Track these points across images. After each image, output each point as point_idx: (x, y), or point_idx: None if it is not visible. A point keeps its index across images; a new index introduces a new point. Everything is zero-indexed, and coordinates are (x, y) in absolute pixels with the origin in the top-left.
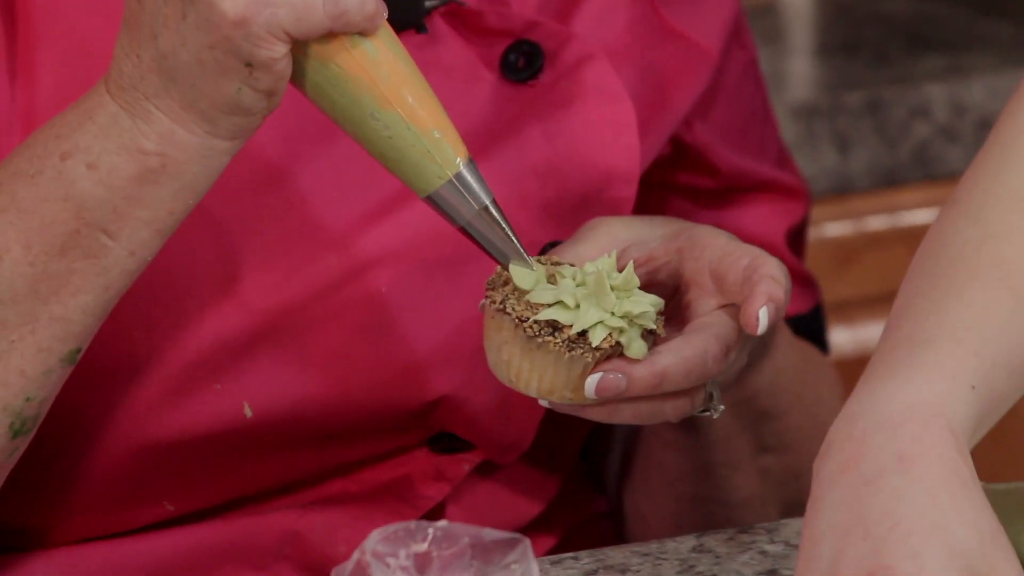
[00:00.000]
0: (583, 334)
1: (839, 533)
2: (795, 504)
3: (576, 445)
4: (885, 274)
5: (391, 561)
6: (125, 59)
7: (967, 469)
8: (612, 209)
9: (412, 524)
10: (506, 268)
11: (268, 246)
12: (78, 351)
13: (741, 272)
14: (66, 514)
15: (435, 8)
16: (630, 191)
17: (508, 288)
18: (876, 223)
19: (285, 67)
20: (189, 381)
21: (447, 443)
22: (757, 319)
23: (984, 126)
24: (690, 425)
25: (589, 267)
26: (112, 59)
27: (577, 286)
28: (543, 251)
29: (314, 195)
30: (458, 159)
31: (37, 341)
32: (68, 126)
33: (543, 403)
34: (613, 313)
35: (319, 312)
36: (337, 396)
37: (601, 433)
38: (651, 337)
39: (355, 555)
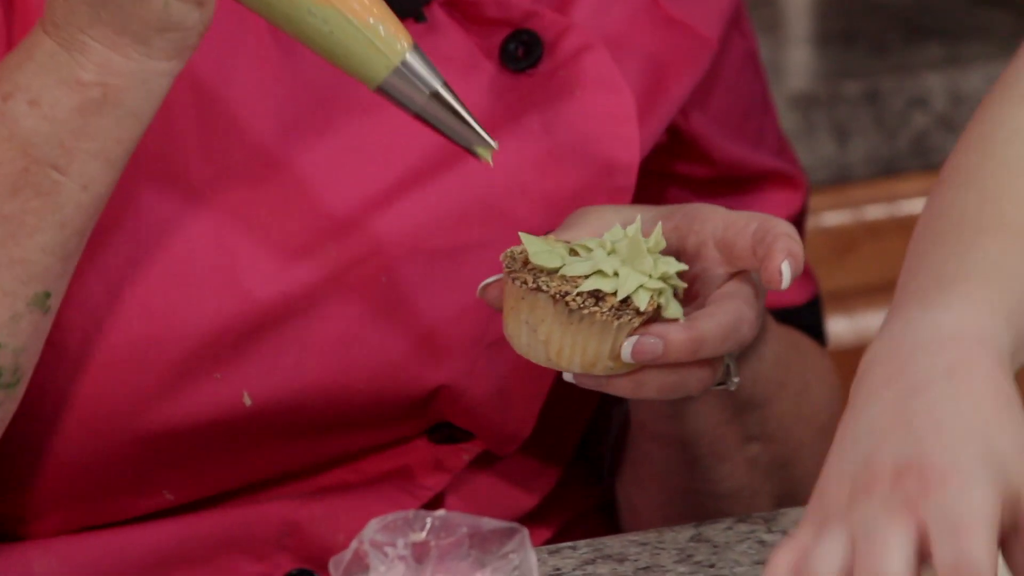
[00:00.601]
0: (624, 301)
1: (878, 432)
2: (786, 495)
3: (574, 436)
4: (884, 263)
5: (389, 550)
6: None
7: (1012, 390)
8: (611, 199)
9: (410, 513)
10: (469, 151)
11: (268, 234)
12: (46, 295)
13: (750, 237)
14: (64, 503)
15: None
16: (629, 181)
17: (530, 268)
18: (875, 212)
19: None
20: (189, 370)
21: (446, 433)
22: (780, 273)
23: None
24: (676, 416)
25: (609, 236)
26: None
27: (608, 254)
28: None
29: (313, 183)
30: (401, 46)
31: (0, 285)
32: (7, 69)
33: (568, 377)
34: (651, 276)
35: (318, 301)
36: (336, 385)
37: (597, 426)
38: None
39: (353, 544)
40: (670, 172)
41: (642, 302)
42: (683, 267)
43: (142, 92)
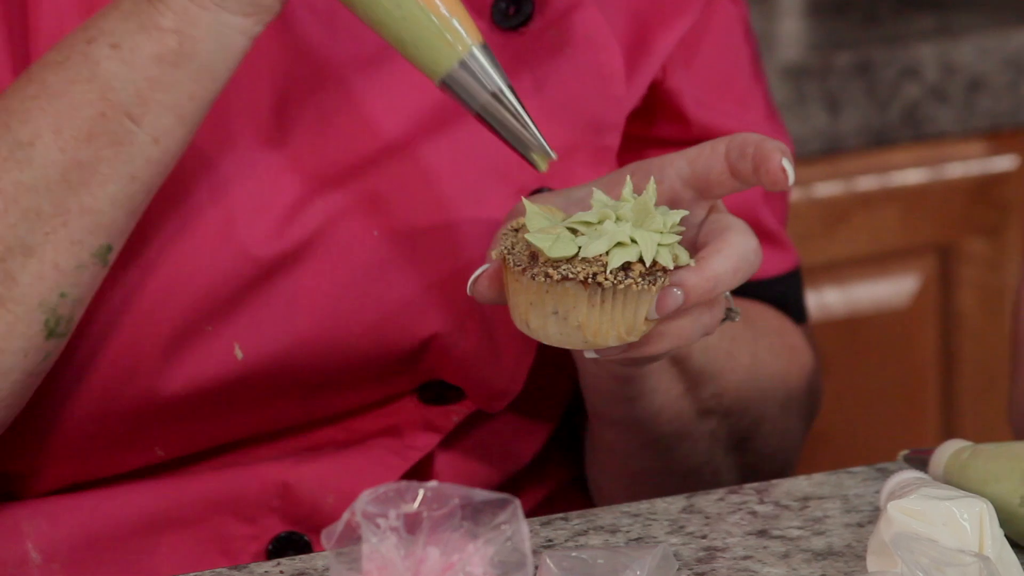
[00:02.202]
0: (650, 263)
1: None
2: (749, 470)
3: (561, 400)
4: (876, 234)
5: (381, 522)
6: None
7: None
8: (597, 157)
9: (403, 484)
10: (524, 156)
11: (263, 192)
12: (109, 248)
13: (723, 159)
14: (61, 458)
15: None
16: (615, 140)
17: (544, 260)
18: (866, 183)
19: None
20: (185, 326)
21: (436, 392)
22: (784, 170)
23: (973, 86)
24: (633, 398)
25: (600, 200)
26: None
27: (616, 223)
28: (532, 194)
29: (308, 144)
30: (470, 40)
31: (70, 233)
32: (95, 18)
33: (591, 354)
34: (662, 232)
35: (309, 254)
36: (327, 338)
37: (581, 405)
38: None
39: (345, 515)
40: (647, 135)
41: (667, 260)
42: (685, 212)
43: (217, 46)
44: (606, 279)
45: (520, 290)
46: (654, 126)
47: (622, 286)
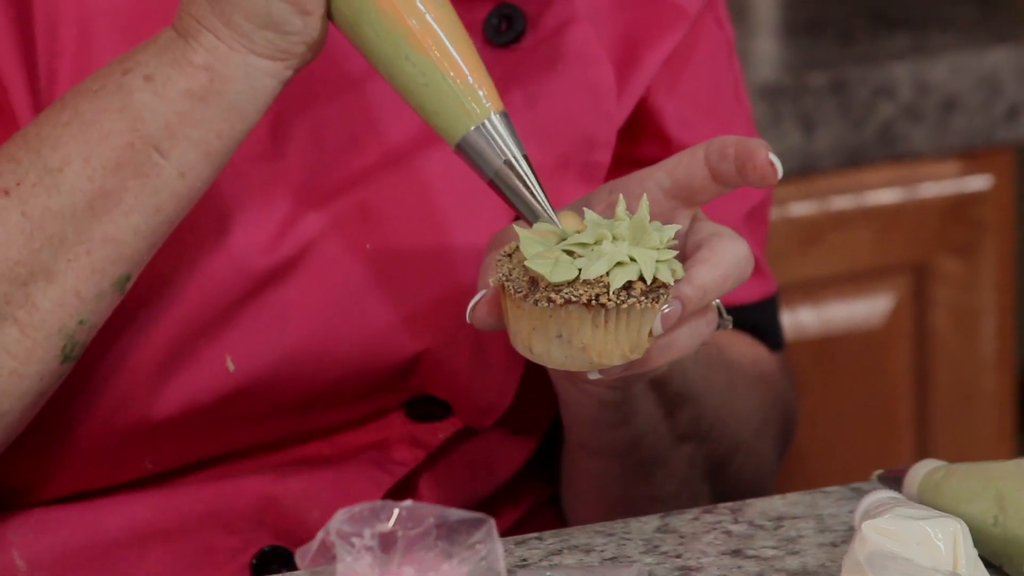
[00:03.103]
0: (651, 280)
1: None
2: (724, 496)
3: (545, 415)
4: (850, 254)
5: (356, 541)
6: None
7: None
8: (588, 173)
9: (377, 503)
10: (530, 223)
11: (257, 205)
12: (128, 278)
13: (703, 164)
14: (49, 474)
15: None
16: (605, 156)
17: (545, 285)
18: (841, 203)
19: None
20: (175, 337)
21: (424, 410)
22: (771, 163)
23: (948, 106)
24: (619, 424)
25: (594, 221)
26: None
27: (614, 242)
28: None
29: (301, 156)
30: (491, 107)
31: (92, 262)
32: (133, 50)
33: (594, 375)
34: (659, 248)
35: (302, 267)
36: (318, 351)
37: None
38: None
39: (320, 535)
40: (629, 155)
41: (667, 276)
42: (679, 226)
43: (245, 86)
44: (609, 299)
45: (522, 316)
46: (638, 146)
47: (625, 306)
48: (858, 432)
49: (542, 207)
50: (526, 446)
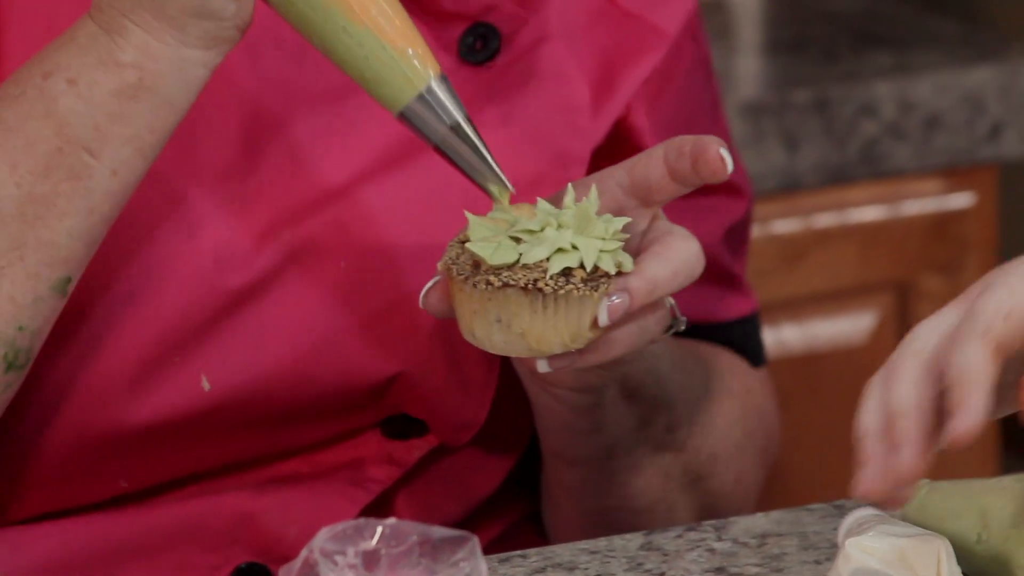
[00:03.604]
0: (592, 270)
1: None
2: (704, 510)
3: (521, 433)
4: (834, 271)
5: (339, 559)
6: None
7: None
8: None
9: (361, 521)
10: (482, 187)
11: (231, 222)
12: (67, 280)
13: (662, 162)
14: (21, 490)
15: None
16: (581, 172)
17: (486, 268)
18: (824, 220)
19: None
20: (153, 357)
21: (399, 427)
22: (723, 158)
23: (931, 124)
24: (592, 432)
25: (544, 209)
26: None
27: (558, 230)
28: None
29: (277, 174)
30: (429, 73)
31: (26, 267)
32: (49, 50)
33: (543, 367)
34: (604, 238)
35: (278, 285)
36: (294, 371)
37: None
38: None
39: (303, 553)
40: None
41: (609, 266)
42: (627, 220)
43: (178, 80)
44: (547, 285)
45: (464, 299)
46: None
47: (563, 292)
48: (842, 449)
49: (490, 169)
50: (504, 463)
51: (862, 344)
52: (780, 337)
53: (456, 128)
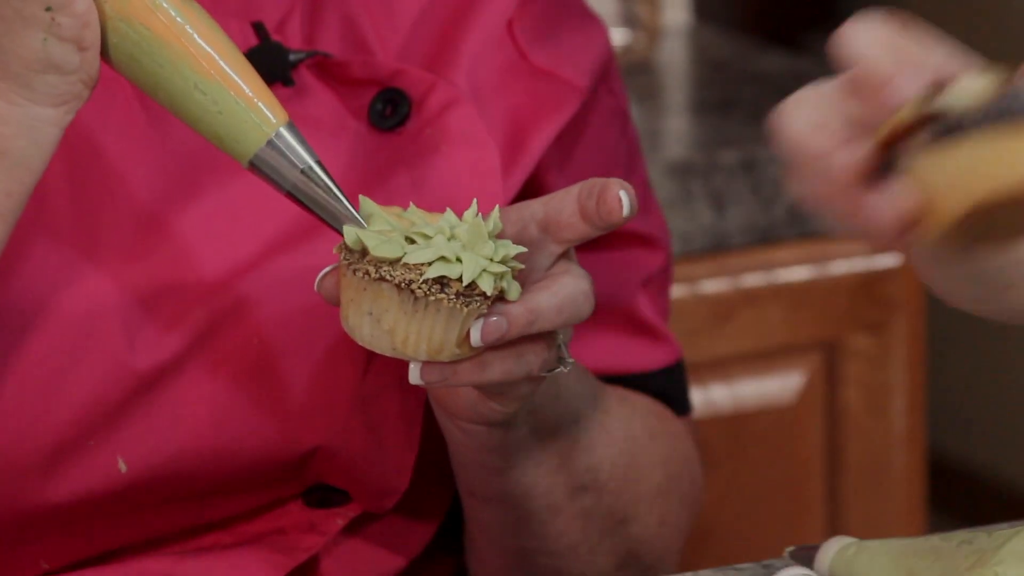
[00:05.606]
0: (469, 286)
1: None
2: (628, 555)
3: (444, 500)
4: (761, 331)
5: None
6: None
7: None
8: None
9: None
10: (338, 231)
11: (143, 303)
12: None
13: (575, 200)
14: None
15: (301, 61)
16: None
17: (370, 259)
18: (752, 280)
19: (86, 10)
20: (66, 441)
21: (321, 496)
22: (620, 199)
23: None
24: (506, 470)
25: (447, 220)
26: None
27: (448, 240)
28: None
29: (185, 249)
30: (277, 121)
31: None
32: None
33: (414, 376)
34: (492, 259)
35: (190, 366)
36: (211, 449)
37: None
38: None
39: None
40: None
41: (487, 286)
42: (522, 249)
43: (29, 140)
44: (419, 288)
45: (346, 286)
46: None
47: (433, 298)
48: (770, 509)
49: (345, 209)
50: (428, 527)
51: (790, 404)
52: (708, 396)
53: (307, 171)
